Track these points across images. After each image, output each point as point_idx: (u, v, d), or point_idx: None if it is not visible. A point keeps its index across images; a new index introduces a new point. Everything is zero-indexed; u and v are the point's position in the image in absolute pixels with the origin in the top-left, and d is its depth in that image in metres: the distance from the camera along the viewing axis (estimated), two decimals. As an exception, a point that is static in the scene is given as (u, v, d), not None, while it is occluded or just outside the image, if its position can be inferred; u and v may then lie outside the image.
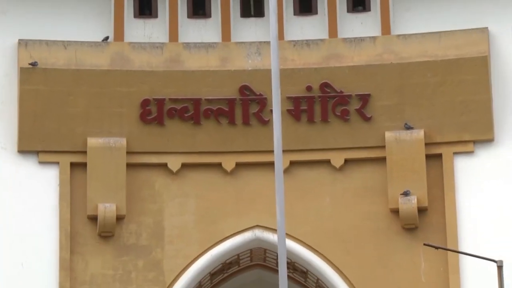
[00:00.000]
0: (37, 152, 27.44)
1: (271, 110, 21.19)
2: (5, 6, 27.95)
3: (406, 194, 26.99)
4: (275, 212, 18.14)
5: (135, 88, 27.65)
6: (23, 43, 27.46)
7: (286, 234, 18.98)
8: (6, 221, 26.94)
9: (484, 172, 27.34)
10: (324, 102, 27.72)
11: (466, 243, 26.64)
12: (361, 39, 28.07)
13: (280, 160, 18.63)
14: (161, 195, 27.71)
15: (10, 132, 27.36)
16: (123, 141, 27.41)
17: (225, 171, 27.79)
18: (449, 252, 26.48)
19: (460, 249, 26.39)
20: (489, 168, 27.36)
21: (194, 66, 27.92)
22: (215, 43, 28.36)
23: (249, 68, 27.77)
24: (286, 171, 24.72)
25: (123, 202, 27.21)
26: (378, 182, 27.50)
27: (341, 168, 27.71)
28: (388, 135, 27.39)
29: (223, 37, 28.52)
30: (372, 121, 27.64)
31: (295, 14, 28.75)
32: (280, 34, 26.13)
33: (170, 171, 27.71)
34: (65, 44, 27.65)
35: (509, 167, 27.34)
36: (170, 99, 27.69)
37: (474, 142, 27.49)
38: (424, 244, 25.92)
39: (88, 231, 27.28)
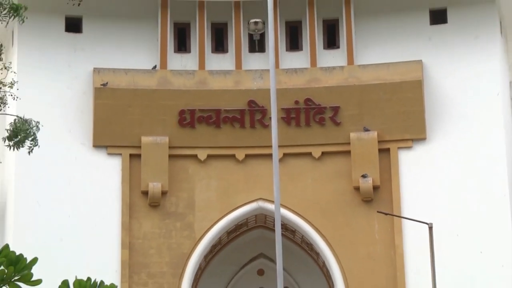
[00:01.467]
0: (106, 147, 27.42)
1: (270, 118, 21.10)
2: (84, 44, 27.98)
3: (364, 176, 26.99)
4: (273, 189, 18.71)
5: (174, 102, 27.55)
6: (96, 70, 27.47)
7: (280, 204, 19.55)
8: (84, 197, 26.93)
9: (419, 161, 27.36)
10: (307, 112, 27.66)
11: (406, 211, 26.63)
12: (333, 68, 28.00)
13: (276, 153, 19.16)
14: (193, 177, 27.62)
15: (88, 132, 27.36)
16: (166, 139, 27.32)
17: (237, 160, 27.73)
18: (394, 217, 26.54)
19: (402, 215, 26.44)
20: (422, 158, 27.37)
21: (216, 87, 27.83)
22: (230, 70, 28.33)
23: (255, 88, 27.68)
24: (280, 160, 24.53)
25: (166, 182, 27.17)
26: (345, 168, 27.41)
27: (319, 158, 27.62)
28: (352, 135, 27.32)
29: (236, 66, 28.39)
30: (341, 125, 27.54)
31: (286, 50, 28.74)
32: (276, 64, 25.84)
33: (199, 160, 27.62)
34: (126, 71, 27.64)
35: (437, 157, 27.35)
36: (199, 109, 27.56)
37: (412, 140, 27.46)
38: (377, 212, 26.24)
39: (142, 202, 27.27)
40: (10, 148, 15.80)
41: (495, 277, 26.24)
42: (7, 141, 15.58)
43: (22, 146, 15.41)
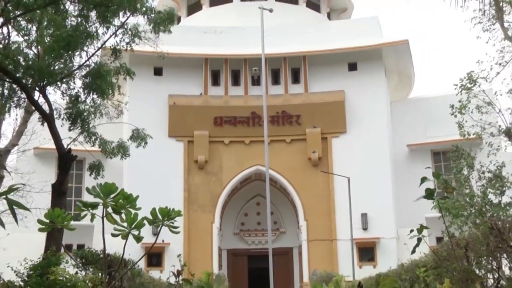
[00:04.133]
0: (175, 136, 27.33)
1: (263, 121, 21.38)
2: (164, 82, 27.93)
3: (314, 152, 26.98)
4: (265, 159, 18.79)
5: (212, 112, 27.53)
6: (170, 96, 27.57)
7: (269, 167, 19.68)
8: (163, 163, 26.75)
9: (342, 144, 27.29)
10: (283, 118, 27.64)
11: (336, 170, 26.56)
12: (296, 94, 28.03)
13: (266, 140, 19.29)
14: (221, 154, 27.55)
15: (165, 129, 27.32)
16: (207, 133, 27.29)
17: (246, 144, 27.63)
18: (329, 174, 26.66)
19: (334, 173, 26.48)
20: (344, 142, 27.30)
21: (234, 104, 27.81)
22: (242, 95, 28.24)
23: (255, 105, 27.52)
24: (269, 144, 24.06)
25: (207, 156, 27.16)
26: (303, 149, 27.34)
27: (289, 143, 27.51)
28: (307, 130, 27.28)
29: (245, 93, 28.31)
30: (301, 125, 27.47)
31: (272, 84, 28.59)
32: (266, 92, 26.00)
33: (225, 144, 27.56)
34: (185, 96, 27.65)
35: (352, 142, 27.23)
36: (225, 116, 27.60)
37: (339, 132, 27.44)
38: (321, 171, 26.36)
39: (194, 167, 27.20)
40: (135, 146, 15.73)
41: (381, 202, 26.47)
42: (130, 140, 15.69)
43: (141, 145, 15.55)
